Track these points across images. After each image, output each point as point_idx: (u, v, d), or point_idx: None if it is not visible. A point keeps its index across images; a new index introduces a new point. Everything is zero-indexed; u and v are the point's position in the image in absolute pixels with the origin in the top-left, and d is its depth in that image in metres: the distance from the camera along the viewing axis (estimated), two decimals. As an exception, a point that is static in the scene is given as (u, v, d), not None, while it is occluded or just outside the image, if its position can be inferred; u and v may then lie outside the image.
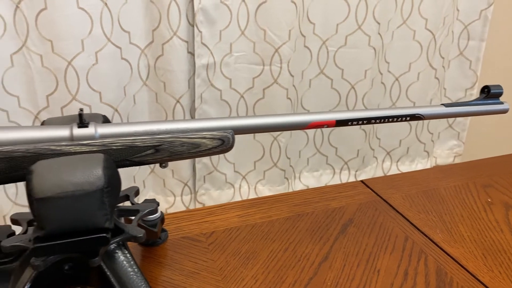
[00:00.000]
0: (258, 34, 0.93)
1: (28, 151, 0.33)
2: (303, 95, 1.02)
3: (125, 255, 0.37)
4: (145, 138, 0.36)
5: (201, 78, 0.93)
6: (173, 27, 0.87)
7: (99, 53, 0.85)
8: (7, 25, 0.80)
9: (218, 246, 0.50)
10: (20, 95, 0.85)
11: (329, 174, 1.10)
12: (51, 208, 0.31)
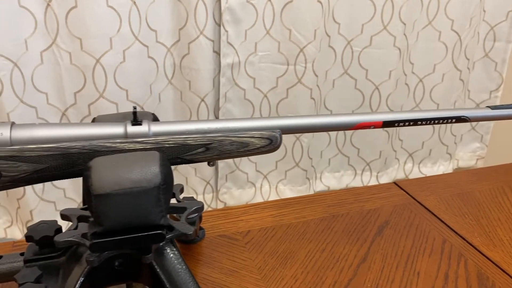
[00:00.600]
0: (283, 34, 0.92)
1: (84, 147, 0.34)
2: (326, 95, 1.02)
3: (174, 252, 0.37)
4: (197, 137, 0.36)
5: (225, 77, 0.93)
6: (199, 26, 0.87)
7: (126, 51, 0.86)
8: (38, 23, 0.81)
9: (255, 245, 0.50)
10: (48, 92, 0.86)
11: (350, 175, 1.10)
12: (110, 205, 0.31)
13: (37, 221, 0.42)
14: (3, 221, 0.94)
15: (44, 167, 0.33)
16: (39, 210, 0.90)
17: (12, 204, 0.92)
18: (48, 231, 0.41)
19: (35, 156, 0.33)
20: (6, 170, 0.33)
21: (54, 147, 0.33)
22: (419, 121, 0.41)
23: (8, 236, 0.95)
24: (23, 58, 0.82)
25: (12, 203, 0.91)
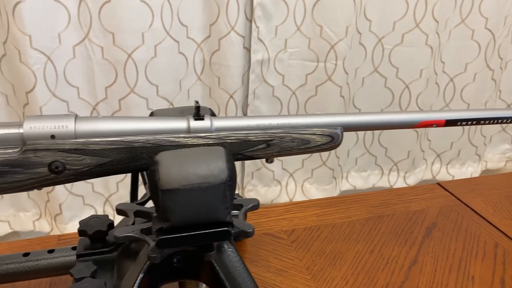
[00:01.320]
0: (314, 30, 0.91)
1: (148, 141, 0.33)
2: (355, 93, 1.01)
3: (232, 250, 0.36)
4: (258, 133, 0.35)
5: (255, 73, 0.92)
6: (231, 22, 0.87)
7: (158, 46, 0.85)
8: (71, 17, 0.81)
9: (301, 244, 0.49)
10: (80, 86, 0.86)
11: (377, 175, 1.08)
12: (177, 200, 0.31)
13: (88, 216, 0.42)
14: (32, 214, 0.95)
15: (107, 161, 0.33)
16: (68, 204, 0.91)
17: (42, 197, 0.92)
18: (101, 226, 0.40)
19: (99, 150, 0.32)
20: (70, 163, 0.32)
21: (118, 141, 0.33)
22: (482, 120, 0.39)
23: (36, 229, 0.95)
24: (56, 52, 0.82)
25: (42, 196, 0.92)
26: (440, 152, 1.10)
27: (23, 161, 0.31)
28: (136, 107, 0.88)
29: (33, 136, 0.31)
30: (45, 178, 0.32)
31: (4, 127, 0.32)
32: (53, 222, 0.93)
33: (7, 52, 0.82)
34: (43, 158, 0.32)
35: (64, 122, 0.32)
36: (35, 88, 0.81)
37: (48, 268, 0.40)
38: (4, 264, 0.39)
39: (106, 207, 0.96)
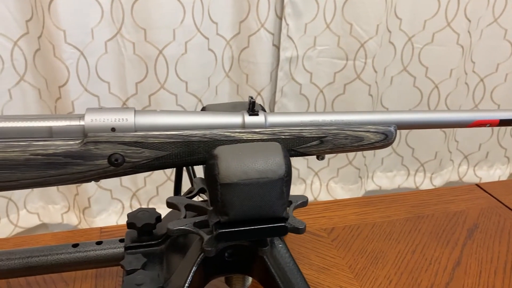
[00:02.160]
0: (344, 28, 0.91)
1: (204, 136, 0.33)
2: (383, 92, 1.00)
3: (282, 246, 0.36)
4: (312, 129, 0.35)
5: (283, 71, 0.92)
6: (261, 19, 0.86)
7: (188, 43, 0.86)
8: (104, 13, 0.82)
9: (342, 243, 0.49)
10: (110, 81, 0.87)
11: (403, 175, 1.07)
12: (236, 195, 0.31)
13: (136, 209, 0.42)
14: (61, 206, 0.96)
15: (165, 154, 0.33)
16: (96, 198, 0.92)
17: (70, 190, 0.93)
18: (149, 219, 0.41)
19: (158, 143, 0.33)
20: (129, 156, 0.32)
21: (176, 135, 0.33)
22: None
23: (64, 221, 0.97)
24: (88, 47, 0.82)
25: (71, 190, 0.93)
26: (467, 153, 1.09)
27: (84, 153, 0.32)
28: (166, 103, 0.88)
29: (94, 129, 0.32)
30: (104, 170, 0.33)
31: (65, 119, 0.32)
32: (81, 215, 0.94)
33: (41, 46, 0.83)
34: (103, 150, 0.32)
35: (124, 115, 0.32)
36: (68, 82, 0.82)
37: (97, 260, 0.40)
38: (54, 254, 0.40)
39: (133, 201, 0.97)
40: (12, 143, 0.31)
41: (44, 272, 0.41)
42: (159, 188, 0.96)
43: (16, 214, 0.93)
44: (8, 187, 0.32)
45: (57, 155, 0.31)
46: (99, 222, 0.93)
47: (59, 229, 0.97)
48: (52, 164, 0.32)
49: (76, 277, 0.43)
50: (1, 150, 0.31)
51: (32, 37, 0.83)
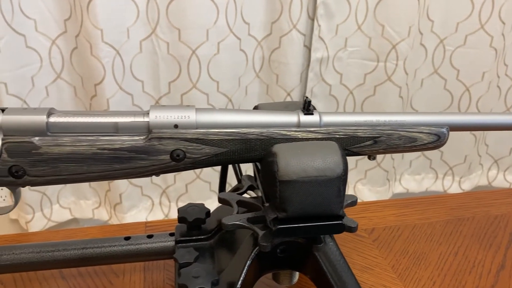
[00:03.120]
0: (376, 30, 0.90)
1: (261, 134, 0.34)
2: (413, 94, 0.99)
3: (333, 243, 0.37)
4: (366, 129, 0.35)
5: (314, 72, 0.92)
6: (293, 20, 0.87)
7: (221, 43, 0.87)
8: (140, 12, 0.83)
9: (383, 243, 0.49)
10: (144, 80, 0.89)
11: (431, 178, 1.06)
12: (295, 192, 0.31)
13: (186, 204, 0.43)
14: (92, 202, 0.98)
15: (224, 151, 0.34)
16: (127, 194, 0.94)
17: (102, 186, 0.95)
18: (200, 214, 0.42)
19: (217, 140, 0.34)
20: (190, 152, 0.34)
21: (235, 132, 0.34)
22: None
23: (95, 216, 0.99)
24: (124, 46, 0.84)
25: (102, 186, 0.95)
26: (498, 157, 1.07)
27: (148, 148, 0.33)
28: (197, 103, 0.90)
29: (158, 125, 0.33)
30: (166, 165, 0.34)
31: (130, 116, 0.33)
32: (112, 211, 0.96)
33: (79, 45, 0.85)
34: (166, 146, 0.33)
35: (186, 113, 0.33)
36: (103, 80, 0.84)
37: (148, 252, 0.41)
38: (108, 246, 0.41)
39: (162, 198, 0.98)
40: (80, 137, 0.32)
41: (97, 263, 0.42)
42: (188, 186, 0.97)
43: (50, 208, 0.96)
44: (74, 179, 0.33)
45: (123, 150, 0.33)
46: (129, 218, 0.95)
47: (90, 224, 0.99)
48: (118, 158, 0.33)
49: (125, 269, 0.44)
50: (70, 144, 0.32)
51: (70, 36, 0.86)
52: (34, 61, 0.85)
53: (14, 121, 0.31)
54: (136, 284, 0.42)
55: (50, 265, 0.41)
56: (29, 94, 0.87)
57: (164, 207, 0.99)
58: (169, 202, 0.99)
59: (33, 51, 0.85)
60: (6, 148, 0.32)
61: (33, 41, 0.84)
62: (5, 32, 0.80)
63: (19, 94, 0.85)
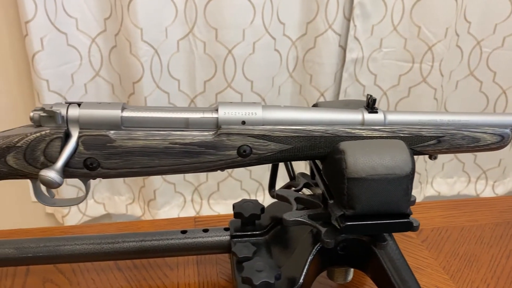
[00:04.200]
0: (412, 31, 0.90)
1: (326, 131, 0.35)
2: (448, 96, 0.98)
3: (392, 242, 0.37)
4: (430, 128, 0.35)
5: (348, 72, 0.92)
6: (329, 20, 0.87)
7: (256, 43, 0.88)
8: (178, 12, 0.85)
9: (433, 244, 0.49)
10: (180, 79, 0.90)
11: (463, 182, 1.05)
12: (363, 189, 0.32)
13: (240, 200, 0.44)
14: (126, 198, 1.00)
15: (289, 148, 0.34)
16: (161, 190, 0.95)
17: (137, 182, 0.97)
18: (255, 210, 0.42)
19: (283, 137, 0.34)
20: (256, 148, 0.34)
21: (300, 129, 0.34)
22: None
23: (128, 212, 1.01)
24: (162, 45, 0.86)
25: (137, 182, 0.97)
26: (533, 162, 1.05)
27: (216, 144, 0.34)
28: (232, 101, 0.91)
29: (227, 121, 0.34)
30: (232, 161, 0.34)
31: (200, 112, 0.34)
32: (145, 207, 0.98)
33: (118, 44, 0.87)
34: (234, 142, 0.34)
35: (254, 110, 0.34)
36: (142, 79, 0.86)
37: (204, 246, 0.42)
38: (165, 239, 0.42)
39: (194, 195, 1.00)
40: (153, 132, 0.33)
41: (155, 256, 0.43)
42: (220, 184, 0.98)
43: (85, 203, 0.98)
44: (146, 172, 0.34)
45: (193, 145, 0.33)
46: (162, 214, 0.96)
47: (123, 219, 1.01)
48: (188, 152, 0.34)
49: (179, 262, 0.45)
50: (143, 138, 0.33)
51: (109, 34, 0.88)
52: (74, 58, 0.87)
53: (90, 115, 0.33)
54: (191, 277, 0.43)
55: (110, 256, 0.42)
56: (69, 91, 0.89)
57: (196, 204, 1.00)
58: (200, 200, 1.00)
59: (74, 49, 0.87)
60: (82, 141, 0.33)
61: (74, 39, 0.86)
62: (48, 30, 0.83)
63: (59, 91, 0.87)
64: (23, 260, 0.41)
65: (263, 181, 1.00)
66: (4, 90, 0.92)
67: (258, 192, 1.01)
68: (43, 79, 0.85)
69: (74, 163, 0.33)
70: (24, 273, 0.43)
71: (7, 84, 0.92)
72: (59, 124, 0.32)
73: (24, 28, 0.81)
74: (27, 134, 0.32)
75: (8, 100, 0.93)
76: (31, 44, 0.82)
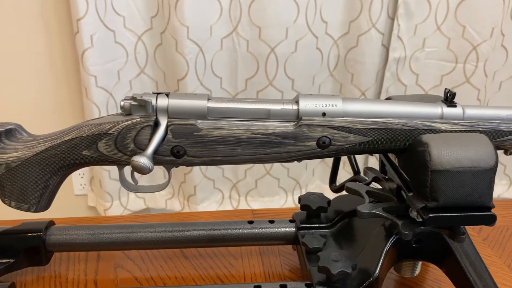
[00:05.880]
0: (456, 30, 0.89)
1: (406, 124, 0.35)
2: (490, 97, 0.96)
3: (468, 237, 0.37)
4: (509, 123, 0.35)
5: (390, 71, 0.92)
6: (373, 19, 0.87)
7: (299, 41, 0.88)
8: (223, 11, 0.86)
9: (495, 243, 0.48)
10: (223, 77, 0.92)
11: (504, 185, 1.03)
12: (448, 182, 0.32)
13: (305, 192, 0.45)
14: (166, 193, 1.02)
15: (367, 140, 0.35)
16: (201, 186, 0.97)
17: (177, 177, 0.99)
18: (322, 202, 0.43)
19: (363, 129, 0.35)
20: (336, 140, 0.35)
21: (380, 122, 0.35)
22: None
23: (167, 207, 1.03)
24: (206, 44, 0.87)
25: (177, 177, 0.99)
26: None
27: (297, 134, 0.34)
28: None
29: (308, 113, 0.34)
30: (311, 151, 0.35)
31: (281, 103, 0.35)
32: (185, 202, 1.00)
33: (163, 41, 0.89)
34: (314, 133, 0.34)
35: (334, 102, 0.35)
36: (186, 76, 0.88)
37: (270, 237, 0.43)
38: (233, 229, 0.43)
39: (232, 192, 1.01)
40: (237, 122, 0.34)
41: (223, 245, 0.44)
42: (258, 182, 0.99)
43: (126, 197, 1.00)
44: (228, 161, 0.35)
45: (275, 135, 0.34)
46: (201, 210, 0.98)
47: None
48: (269, 143, 0.34)
49: (242, 252, 0.46)
50: (228, 128, 0.34)
51: (155, 32, 0.90)
52: (121, 56, 0.90)
53: (179, 105, 0.34)
54: (256, 267, 0.44)
55: (180, 244, 0.43)
56: (115, 87, 0.92)
57: (234, 201, 1.01)
58: (238, 196, 1.01)
59: (120, 47, 0.90)
60: (171, 129, 0.34)
61: (121, 36, 0.89)
62: (98, 28, 0.85)
63: (106, 87, 0.90)
64: (98, 245, 0.43)
65: (300, 180, 1.01)
66: (52, 85, 0.95)
67: (295, 190, 1.01)
68: (91, 75, 0.87)
69: (162, 151, 0.34)
70: (95, 259, 0.45)
71: (55, 80, 0.95)
72: (149, 113, 0.34)
73: (76, 25, 0.84)
74: (118, 122, 0.34)
75: (56, 95, 0.96)
76: (81, 41, 0.85)
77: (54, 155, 0.34)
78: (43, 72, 0.94)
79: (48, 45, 0.92)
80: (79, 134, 0.34)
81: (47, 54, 0.92)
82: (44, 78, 0.94)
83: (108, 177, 0.96)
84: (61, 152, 0.34)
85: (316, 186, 1.03)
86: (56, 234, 0.42)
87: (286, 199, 1.01)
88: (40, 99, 0.96)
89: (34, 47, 0.91)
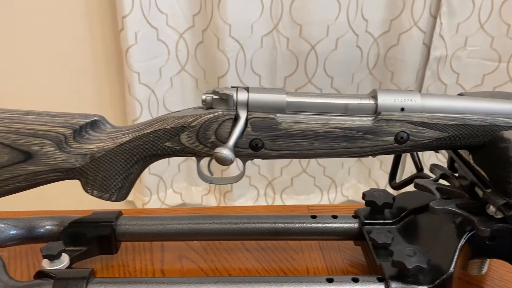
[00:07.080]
0: (500, 29, 0.87)
1: (485, 121, 0.35)
2: (534, 97, 0.94)
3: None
4: None
5: (431, 70, 0.91)
6: (415, 18, 0.86)
7: (339, 39, 0.88)
8: (264, 9, 0.87)
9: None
10: (262, 75, 0.92)
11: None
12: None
13: (369, 188, 0.45)
14: (202, 189, 1.03)
15: (445, 136, 0.35)
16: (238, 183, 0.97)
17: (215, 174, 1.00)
18: (387, 199, 0.43)
19: (441, 125, 0.35)
20: (414, 135, 0.35)
21: (459, 117, 0.35)
22: None
23: (203, 203, 1.04)
24: (247, 41, 0.88)
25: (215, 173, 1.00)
26: None
27: (375, 129, 0.35)
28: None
29: (386, 108, 0.35)
30: (388, 146, 0.35)
31: (358, 98, 0.35)
32: (221, 198, 1.01)
33: (205, 39, 0.90)
34: (392, 128, 0.35)
35: (412, 97, 0.35)
36: (227, 74, 0.89)
37: (333, 232, 0.43)
38: (297, 223, 0.44)
39: (267, 189, 1.01)
40: (315, 116, 0.35)
41: (286, 238, 0.45)
42: (294, 179, 0.99)
43: (164, 192, 1.02)
44: (304, 155, 0.36)
45: (352, 129, 0.35)
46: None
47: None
48: (346, 137, 0.35)
49: (302, 247, 0.46)
50: (306, 122, 0.35)
51: (197, 30, 0.91)
52: (163, 53, 0.91)
53: (259, 99, 0.35)
54: (317, 261, 0.45)
55: (244, 236, 0.44)
56: (157, 84, 0.93)
57: (269, 198, 1.02)
58: (273, 194, 1.01)
59: (163, 44, 0.91)
60: (251, 123, 0.35)
61: (164, 34, 0.90)
62: (142, 25, 0.87)
63: (148, 84, 0.92)
64: (165, 235, 0.44)
65: (336, 178, 1.01)
66: (94, 82, 0.98)
67: (331, 189, 1.02)
68: (135, 72, 0.89)
69: (241, 143, 0.35)
70: (159, 249, 0.46)
71: (97, 76, 0.97)
72: (230, 106, 0.35)
73: (121, 22, 0.86)
74: (200, 115, 0.35)
75: (98, 92, 0.98)
76: (126, 38, 0.86)
77: (137, 146, 0.35)
78: (86, 70, 0.96)
79: (91, 43, 0.94)
80: (162, 126, 0.35)
81: (91, 52, 0.95)
82: (87, 75, 0.97)
83: (148, 172, 0.98)
84: (144, 143, 0.35)
85: (352, 186, 1.03)
86: (125, 224, 0.43)
87: (321, 197, 1.01)
88: (83, 96, 0.98)
89: (78, 45, 0.94)
